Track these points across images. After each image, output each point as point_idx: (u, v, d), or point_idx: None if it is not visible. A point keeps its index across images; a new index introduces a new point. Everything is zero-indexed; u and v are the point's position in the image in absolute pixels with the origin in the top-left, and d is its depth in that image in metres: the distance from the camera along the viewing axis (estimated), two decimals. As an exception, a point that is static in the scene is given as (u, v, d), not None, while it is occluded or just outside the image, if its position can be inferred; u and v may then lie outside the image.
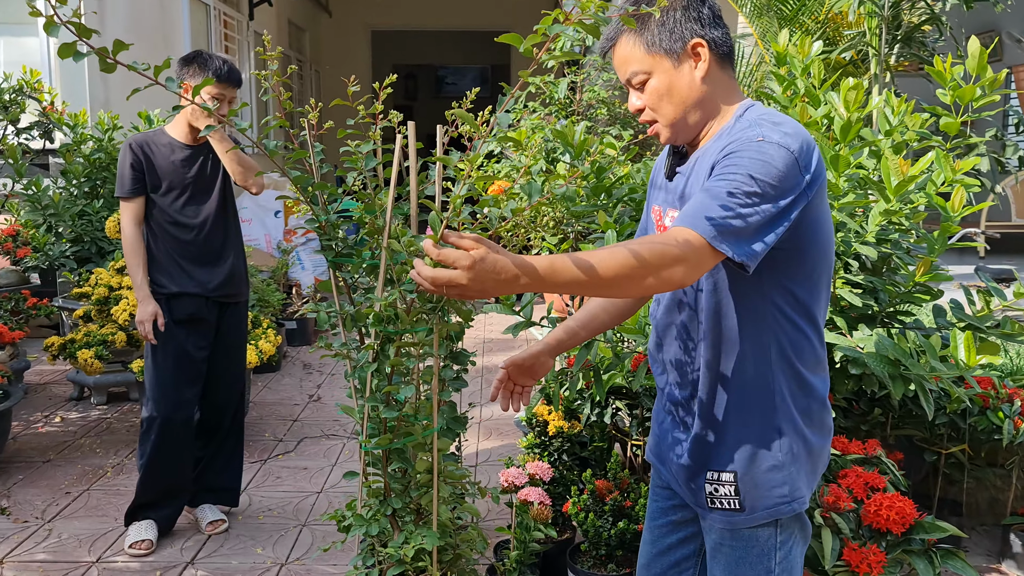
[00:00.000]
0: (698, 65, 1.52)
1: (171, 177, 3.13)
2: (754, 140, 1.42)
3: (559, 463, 3.05)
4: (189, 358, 3.18)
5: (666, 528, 1.78)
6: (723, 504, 1.57)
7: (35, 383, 5.25)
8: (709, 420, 1.58)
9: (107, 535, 3.28)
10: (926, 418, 3.04)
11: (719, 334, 1.55)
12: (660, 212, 1.69)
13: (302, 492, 3.71)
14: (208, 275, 3.19)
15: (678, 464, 1.66)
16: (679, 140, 1.59)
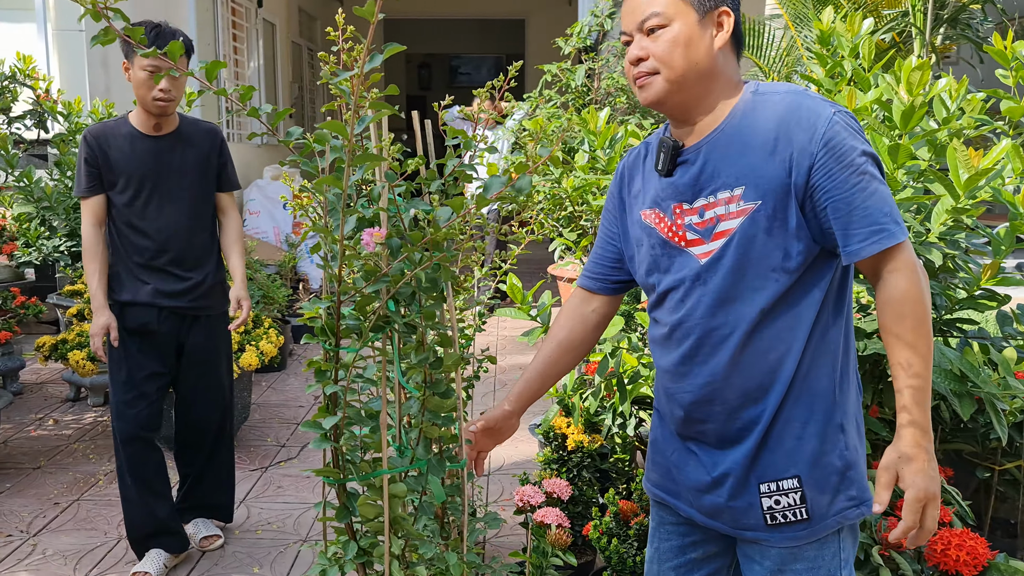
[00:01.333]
0: (719, 34, 1.42)
1: (129, 172, 2.76)
2: (832, 112, 1.36)
3: (579, 479, 2.82)
4: (145, 372, 2.84)
5: (686, 568, 1.63)
6: (787, 517, 1.43)
7: (31, 383, 5.06)
8: (763, 427, 1.43)
9: (94, 551, 3.07)
10: (978, 432, 2.79)
11: (788, 332, 1.42)
12: (662, 215, 1.50)
13: (304, 503, 3.49)
14: (166, 284, 2.82)
15: (714, 490, 1.49)
16: (668, 103, 1.45)
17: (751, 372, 1.43)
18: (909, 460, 1.31)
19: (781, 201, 1.37)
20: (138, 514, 2.89)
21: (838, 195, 1.33)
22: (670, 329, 1.50)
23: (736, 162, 1.41)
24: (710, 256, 1.43)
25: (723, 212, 1.42)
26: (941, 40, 3.36)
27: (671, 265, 1.49)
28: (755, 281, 1.40)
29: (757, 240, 1.39)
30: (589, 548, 2.78)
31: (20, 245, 4.26)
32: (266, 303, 5.36)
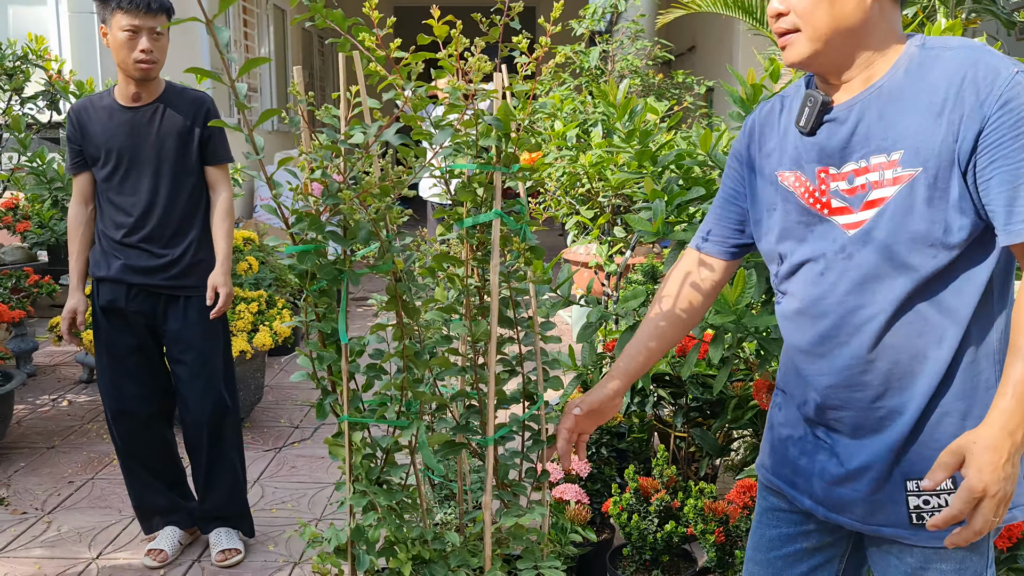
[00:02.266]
0: None
1: (107, 146, 2.63)
2: (1013, 72, 1.18)
3: (597, 457, 2.79)
4: (124, 350, 2.73)
5: (794, 557, 1.49)
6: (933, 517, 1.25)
7: (45, 365, 5.06)
8: (911, 418, 1.29)
9: (109, 529, 3.06)
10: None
11: (944, 314, 1.26)
12: (803, 178, 1.35)
13: (319, 483, 3.47)
14: (137, 261, 2.67)
15: (847, 483, 1.36)
16: (813, 64, 1.30)
17: (898, 357, 1.28)
18: (983, 448, 1.14)
19: (945, 169, 1.21)
20: (139, 493, 2.87)
21: (1008, 166, 1.17)
22: (806, 305, 1.36)
23: (895, 124, 1.25)
24: (859, 228, 1.28)
25: (876, 179, 1.26)
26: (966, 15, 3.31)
27: (809, 235, 1.35)
28: (909, 257, 1.25)
29: (915, 211, 1.23)
30: (607, 526, 2.75)
31: (33, 226, 4.24)
32: (279, 286, 5.34)
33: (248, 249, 4.67)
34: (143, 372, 2.78)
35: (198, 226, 2.75)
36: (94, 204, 2.74)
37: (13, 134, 4.30)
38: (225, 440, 2.83)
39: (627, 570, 2.44)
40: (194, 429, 2.81)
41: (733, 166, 1.50)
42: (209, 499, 2.87)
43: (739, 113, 2.30)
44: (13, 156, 4.60)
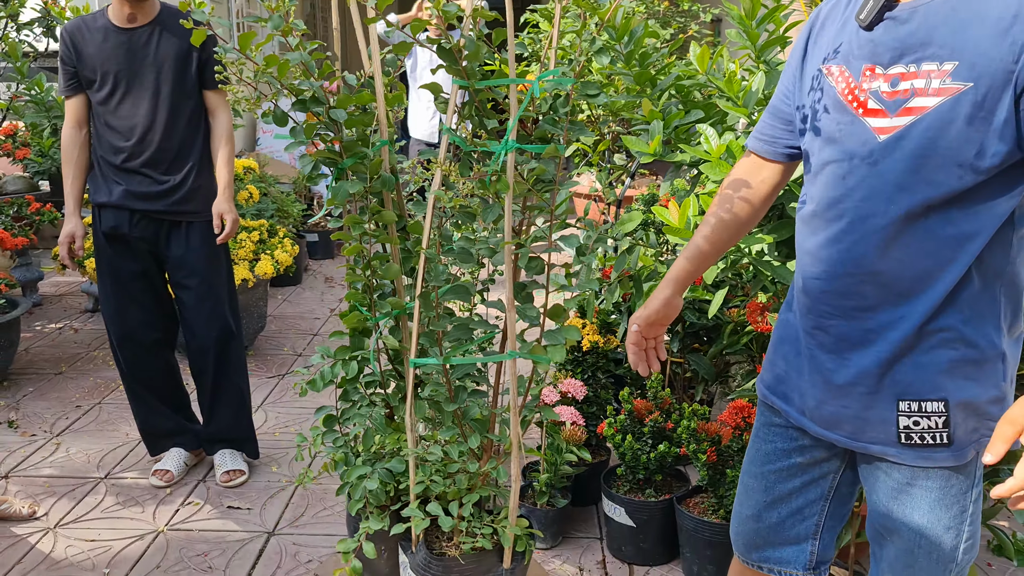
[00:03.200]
0: None
1: (103, 68, 2.58)
2: None
3: (593, 381, 2.82)
4: (127, 276, 2.74)
5: (786, 472, 1.51)
6: (924, 439, 1.30)
7: (50, 295, 5.11)
8: (920, 338, 1.28)
9: (116, 450, 3.13)
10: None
11: (958, 234, 1.24)
12: (847, 73, 1.29)
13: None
14: (139, 187, 2.65)
15: (828, 392, 1.37)
16: None
17: (901, 273, 1.26)
18: None
19: (997, 89, 1.15)
20: (144, 416, 2.92)
21: None
22: (822, 208, 1.33)
23: (957, 32, 1.18)
24: (891, 134, 1.23)
25: (922, 86, 1.21)
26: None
27: (838, 133, 1.30)
28: (935, 174, 1.20)
29: (953, 127, 1.18)
30: (603, 449, 2.80)
31: (33, 154, 4.23)
32: (280, 217, 5.35)
33: (249, 178, 4.66)
34: (147, 298, 2.80)
35: (198, 151, 2.72)
36: (88, 127, 2.71)
37: (10, 61, 4.27)
38: (230, 364, 2.87)
39: (621, 489, 2.50)
40: (200, 354, 2.84)
41: (791, 60, 1.44)
42: (214, 422, 2.93)
43: (739, 33, 2.26)
44: (11, 85, 4.57)
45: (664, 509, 2.41)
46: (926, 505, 1.33)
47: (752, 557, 1.59)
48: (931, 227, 1.23)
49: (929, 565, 1.35)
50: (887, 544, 1.40)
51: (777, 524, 1.53)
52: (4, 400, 3.56)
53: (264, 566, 2.43)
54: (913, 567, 1.37)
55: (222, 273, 2.83)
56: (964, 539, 1.34)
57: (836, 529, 1.54)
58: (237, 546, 2.52)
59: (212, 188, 2.74)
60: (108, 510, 2.72)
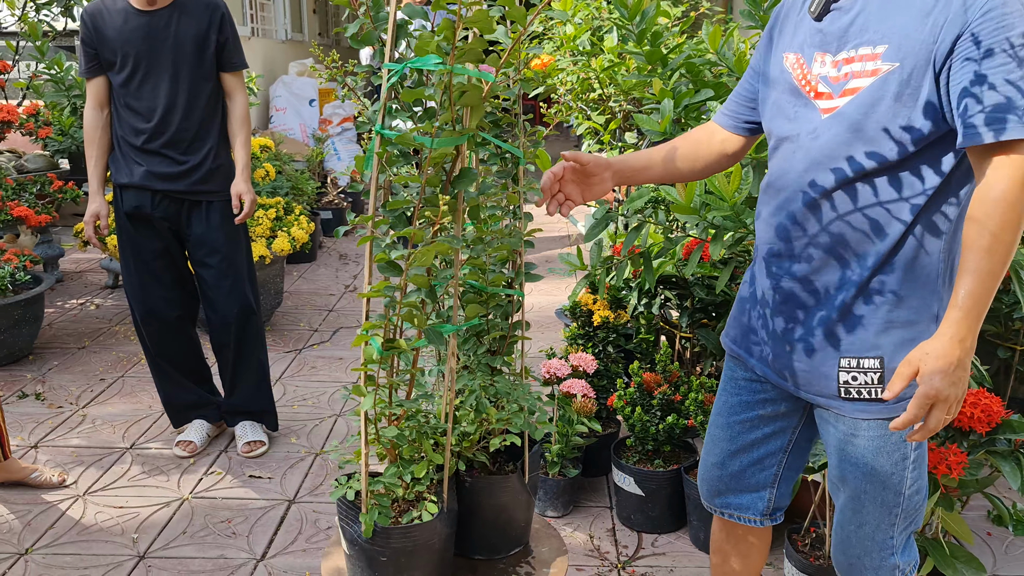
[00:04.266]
0: None
1: (124, 51, 2.64)
2: None
3: (603, 355, 2.89)
4: (150, 255, 2.81)
5: (748, 424, 1.62)
6: (861, 394, 1.41)
7: (71, 271, 5.20)
8: (857, 300, 1.39)
9: (140, 422, 3.23)
10: (1001, 312, 2.81)
11: (892, 204, 1.34)
12: (802, 61, 1.42)
13: (337, 382, 3.62)
14: (160, 167, 2.71)
15: (782, 350, 1.49)
16: None
17: (840, 238, 1.38)
18: (935, 357, 1.23)
19: (920, 68, 1.28)
20: (167, 390, 3.01)
21: (977, 71, 1.22)
22: (773, 179, 1.47)
23: (888, 18, 1.32)
24: (832, 112, 1.37)
25: (859, 69, 1.34)
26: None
27: (794, 115, 1.43)
28: (867, 146, 1.33)
29: (883, 103, 1.31)
30: (613, 421, 2.87)
31: (54, 132, 4.31)
32: (295, 195, 5.42)
33: (265, 157, 4.72)
34: (169, 275, 2.87)
35: (216, 132, 2.79)
36: (109, 108, 2.76)
37: (31, 40, 4.33)
38: (251, 339, 2.95)
39: (630, 460, 2.57)
40: (221, 329, 2.92)
41: (760, 46, 1.56)
42: (236, 395, 3.02)
43: (749, 11, 2.30)
44: (31, 64, 4.64)
45: (672, 479, 2.48)
46: (868, 454, 1.44)
47: (715, 503, 1.72)
48: (866, 196, 1.35)
49: (875, 509, 1.48)
50: (840, 492, 1.53)
51: (739, 472, 1.66)
52: (31, 373, 3.67)
53: (285, 532, 2.52)
54: (861, 512, 1.50)
55: (241, 251, 2.90)
56: (908, 484, 1.46)
57: (792, 480, 1.67)
58: (259, 513, 2.61)
59: (231, 168, 2.82)
60: (134, 479, 2.81)
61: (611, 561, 2.39)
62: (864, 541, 1.53)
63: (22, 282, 3.68)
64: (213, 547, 2.44)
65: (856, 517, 1.52)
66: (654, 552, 2.44)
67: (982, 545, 2.46)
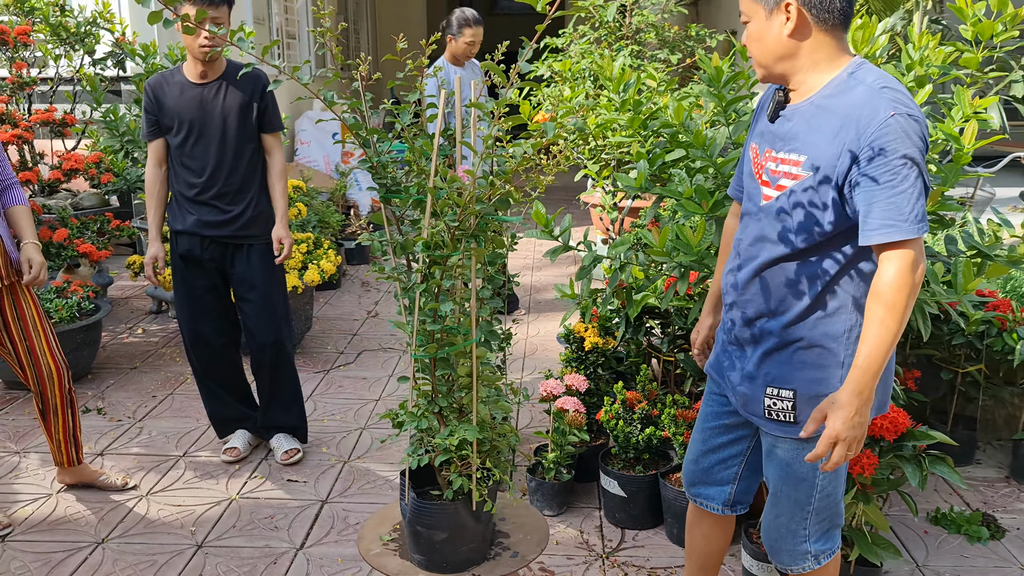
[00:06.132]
0: (787, 23, 1.67)
1: (180, 117, 3.08)
2: (888, 115, 1.57)
3: (595, 376, 3.32)
4: (199, 290, 3.25)
5: (717, 430, 2.06)
6: (779, 417, 1.82)
7: (117, 298, 5.69)
8: (781, 345, 1.80)
9: (191, 433, 3.68)
10: (944, 338, 3.21)
11: (809, 276, 1.74)
12: (757, 151, 1.84)
13: (362, 399, 4.06)
14: (209, 216, 3.15)
15: (736, 376, 1.91)
16: (767, 81, 1.79)
17: (767, 297, 1.79)
18: (839, 407, 1.60)
19: (827, 179, 1.64)
20: (213, 406, 3.46)
21: (869, 188, 1.58)
22: (735, 243, 1.90)
23: (809, 134, 1.68)
24: (769, 200, 1.77)
25: (788, 170, 1.72)
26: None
27: (752, 194, 1.83)
28: (790, 233, 1.73)
29: (800, 204, 1.70)
30: (603, 434, 3.29)
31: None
32: (322, 227, 5.89)
33: (296, 196, 5.19)
34: (216, 308, 3.33)
35: (257, 184, 3.23)
36: (167, 165, 3.22)
37: (88, 91, 4.84)
38: (283, 364, 3.38)
39: (615, 466, 2.99)
40: (259, 354, 3.35)
41: (751, 128, 1.95)
42: (272, 411, 3.45)
43: (708, 89, 2.74)
44: (86, 110, 5.16)
45: (651, 483, 2.90)
46: (785, 463, 1.88)
47: (691, 491, 2.17)
48: (790, 268, 1.77)
49: (789, 504, 1.92)
50: (771, 490, 1.96)
51: (708, 468, 2.10)
52: (91, 391, 4.14)
53: (320, 527, 2.95)
54: (778, 506, 1.95)
55: (277, 288, 3.33)
56: (819, 488, 1.87)
57: (752, 480, 2.09)
58: (297, 511, 3.05)
59: (269, 214, 3.27)
60: (189, 482, 3.26)
61: (597, 552, 2.81)
62: (780, 529, 1.96)
63: (85, 310, 4.15)
64: (259, 538, 2.88)
65: (774, 509, 1.96)
66: (634, 545, 2.85)
67: (917, 540, 2.86)
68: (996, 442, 3.58)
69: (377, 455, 3.48)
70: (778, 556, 1.99)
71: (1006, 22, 2.56)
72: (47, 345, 2.94)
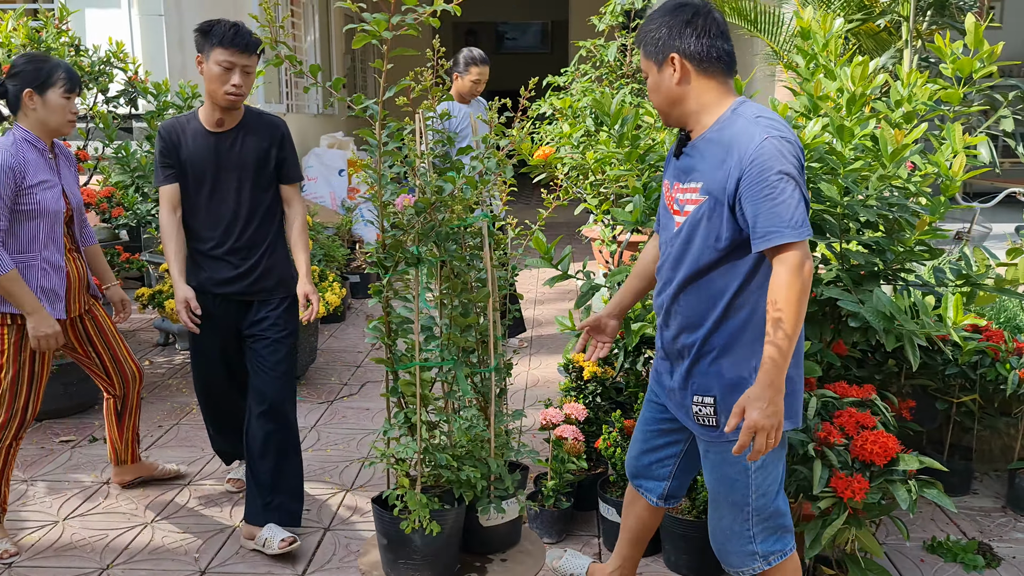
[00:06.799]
0: (674, 73, 1.97)
1: (194, 168, 2.93)
2: (763, 139, 1.84)
3: (594, 405, 3.36)
4: (209, 344, 3.06)
5: (655, 432, 2.30)
6: (705, 421, 2.04)
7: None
8: (700, 356, 2.02)
9: (196, 462, 3.73)
10: (938, 369, 3.26)
11: (717, 290, 1.97)
12: (668, 185, 2.10)
13: (364, 429, 4.11)
14: (219, 273, 2.99)
15: (671, 387, 2.14)
16: (668, 125, 2.11)
17: (687, 313, 2.03)
18: (753, 400, 1.81)
19: (719, 200, 1.91)
20: (218, 440, 3.43)
21: (753, 202, 1.84)
22: (657, 268, 2.15)
23: (703, 164, 1.96)
24: (679, 227, 2.03)
25: (689, 198, 2.00)
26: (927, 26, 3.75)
27: (667, 224, 2.11)
28: (696, 252, 1.98)
29: (701, 224, 1.96)
30: (602, 462, 3.33)
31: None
32: (327, 261, 5.98)
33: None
34: (226, 358, 3.15)
35: (272, 235, 3.04)
36: (181, 209, 3.00)
37: (100, 128, 4.97)
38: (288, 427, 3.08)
39: (613, 493, 3.03)
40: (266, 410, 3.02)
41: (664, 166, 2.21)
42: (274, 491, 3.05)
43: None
44: (99, 146, 5.28)
45: (648, 510, 2.93)
46: (715, 464, 2.08)
47: (633, 481, 2.42)
48: (701, 285, 2.00)
49: (727, 507, 2.09)
50: (710, 494, 2.15)
51: (647, 465, 2.35)
52: (99, 420, 4.19)
53: (322, 553, 2.99)
54: (719, 509, 2.12)
55: (290, 339, 3.09)
56: (753, 489, 2.04)
57: (684, 478, 2.33)
58: (301, 537, 3.08)
59: (283, 266, 3.08)
60: (193, 509, 3.31)
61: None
62: (725, 531, 2.12)
63: (94, 341, 4.22)
64: (262, 565, 2.91)
65: (716, 512, 2.13)
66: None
67: (914, 568, 2.88)
68: (993, 472, 3.60)
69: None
70: (727, 559, 2.15)
71: (983, 59, 2.64)
72: (127, 352, 3.29)
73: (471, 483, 2.32)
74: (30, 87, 2.86)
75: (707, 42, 1.94)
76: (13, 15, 4.76)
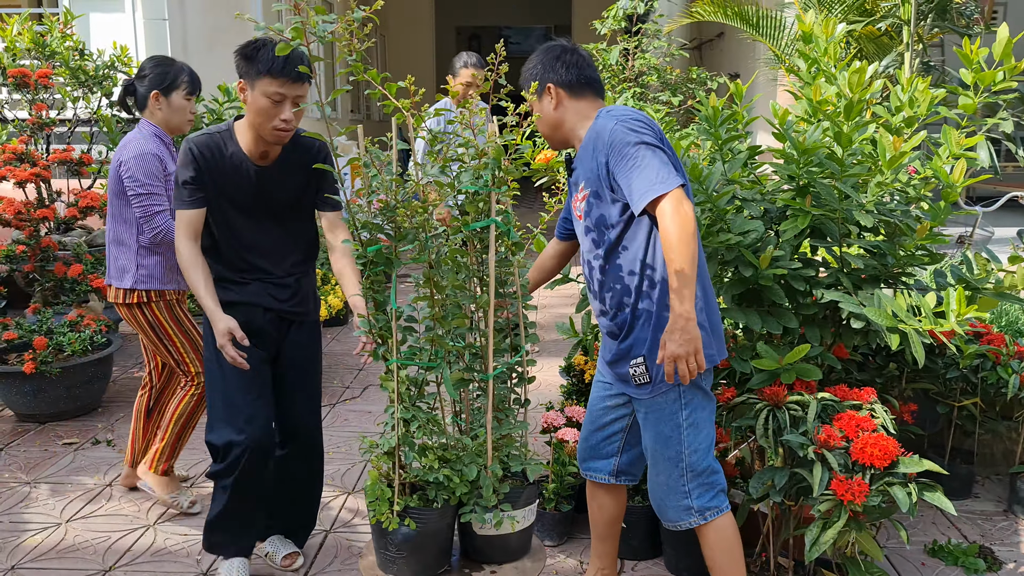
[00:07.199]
0: (551, 100, 2.35)
1: (232, 197, 2.61)
2: (614, 124, 2.17)
3: (595, 408, 3.37)
4: (256, 366, 2.67)
5: (603, 411, 2.50)
6: (640, 380, 2.27)
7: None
8: (627, 329, 2.28)
9: (198, 465, 3.74)
10: (939, 372, 3.26)
11: (630, 257, 2.24)
12: (571, 197, 2.45)
13: (367, 432, 4.11)
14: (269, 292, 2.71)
15: (612, 360, 2.36)
16: (556, 147, 2.45)
17: (613, 293, 2.29)
18: (669, 332, 2.07)
19: (601, 185, 2.23)
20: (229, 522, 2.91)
21: (623, 174, 2.14)
22: (583, 263, 2.42)
23: (582, 167, 2.32)
24: (582, 221, 2.36)
25: (582, 196, 2.32)
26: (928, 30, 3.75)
27: (577, 225, 2.41)
28: (599, 235, 2.28)
29: (594, 210, 2.28)
30: (604, 465, 3.33)
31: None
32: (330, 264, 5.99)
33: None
34: (269, 393, 2.78)
35: (307, 261, 2.80)
36: (213, 238, 2.67)
37: (104, 131, 4.98)
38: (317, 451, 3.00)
39: (615, 496, 3.03)
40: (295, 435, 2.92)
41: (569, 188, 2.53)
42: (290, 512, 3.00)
43: (705, 128, 2.84)
44: (102, 150, 5.29)
45: (649, 513, 2.92)
46: (652, 423, 2.30)
47: (583, 467, 2.58)
48: (615, 260, 2.27)
49: (664, 463, 2.31)
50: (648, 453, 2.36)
51: (596, 444, 2.53)
52: (101, 423, 4.21)
53: (324, 555, 2.99)
54: (656, 465, 2.34)
55: (317, 366, 2.93)
56: (686, 445, 2.27)
57: (632, 452, 2.50)
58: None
59: (314, 293, 2.87)
60: (196, 512, 3.31)
61: (596, 582, 2.84)
62: (662, 486, 2.33)
63: (98, 343, 4.24)
64: (264, 566, 2.92)
65: (654, 469, 2.35)
66: (633, 575, 2.88)
67: (915, 572, 2.88)
68: (995, 476, 3.60)
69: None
70: (665, 514, 2.35)
71: (1006, 71, 2.63)
72: (195, 352, 3.27)
73: (447, 486, 2.36)
74: (157, 89, 3.18)
75: (575, 72, 2.32)
76: (19, 19, 4.79)
